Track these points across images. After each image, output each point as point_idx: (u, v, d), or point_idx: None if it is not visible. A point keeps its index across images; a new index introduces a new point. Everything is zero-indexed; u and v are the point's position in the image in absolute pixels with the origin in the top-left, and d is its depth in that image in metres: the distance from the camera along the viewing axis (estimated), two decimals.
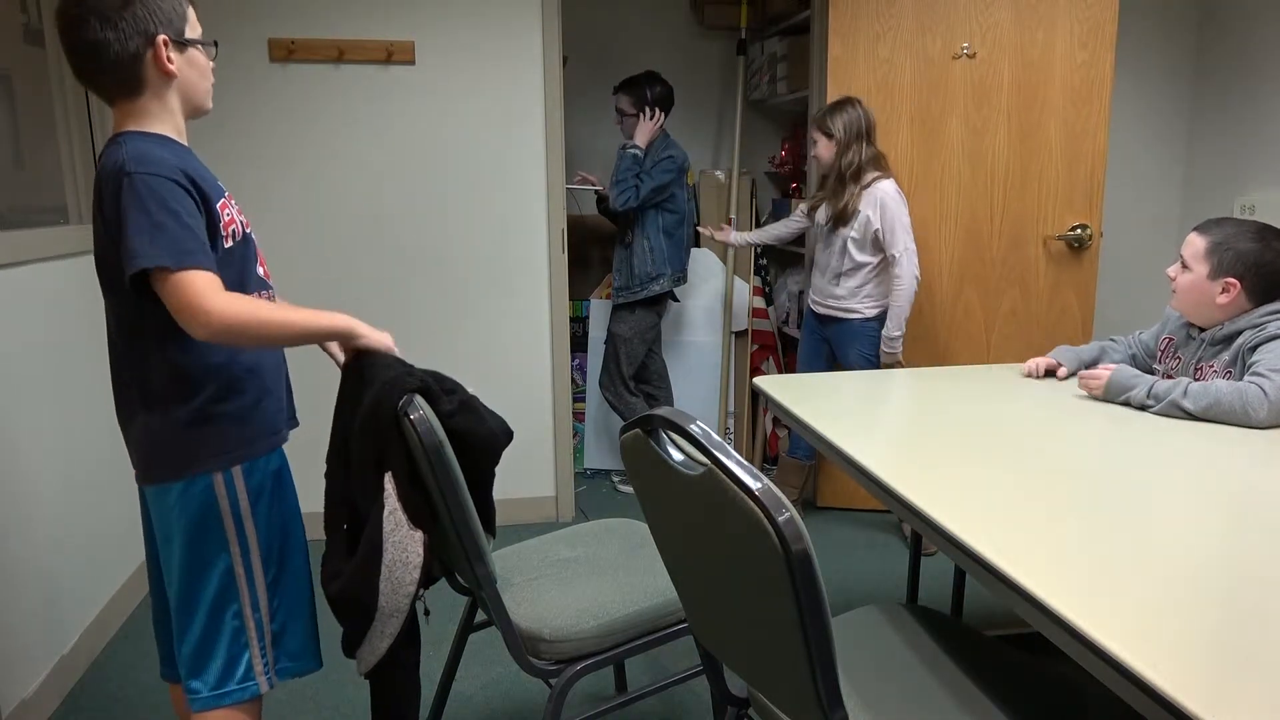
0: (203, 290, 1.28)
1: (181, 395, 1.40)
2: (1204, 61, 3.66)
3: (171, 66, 1.35)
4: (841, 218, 2.94)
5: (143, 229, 1.27)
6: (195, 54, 1.41)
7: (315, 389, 3.20)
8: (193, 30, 1.41)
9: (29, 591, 2.16)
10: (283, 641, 1.52)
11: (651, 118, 3.36)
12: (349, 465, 1.51)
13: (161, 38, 1.33)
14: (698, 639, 1.38)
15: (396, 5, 3.03)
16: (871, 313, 2.99)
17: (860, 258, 2.96)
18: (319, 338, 1.48)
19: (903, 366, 2.96)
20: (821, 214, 3.08)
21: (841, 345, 3.08)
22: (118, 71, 1.33)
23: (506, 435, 1.57)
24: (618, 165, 3.37)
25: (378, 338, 1.51)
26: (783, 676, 1.08)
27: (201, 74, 1.43)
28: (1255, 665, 0.88)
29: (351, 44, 3.00)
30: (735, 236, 3.45)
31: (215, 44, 1.45)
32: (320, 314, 1.44)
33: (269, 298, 1.50)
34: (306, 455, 3.22)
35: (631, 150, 3.34)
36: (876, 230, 2.89)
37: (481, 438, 1.52)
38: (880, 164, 2.94)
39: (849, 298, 3.02)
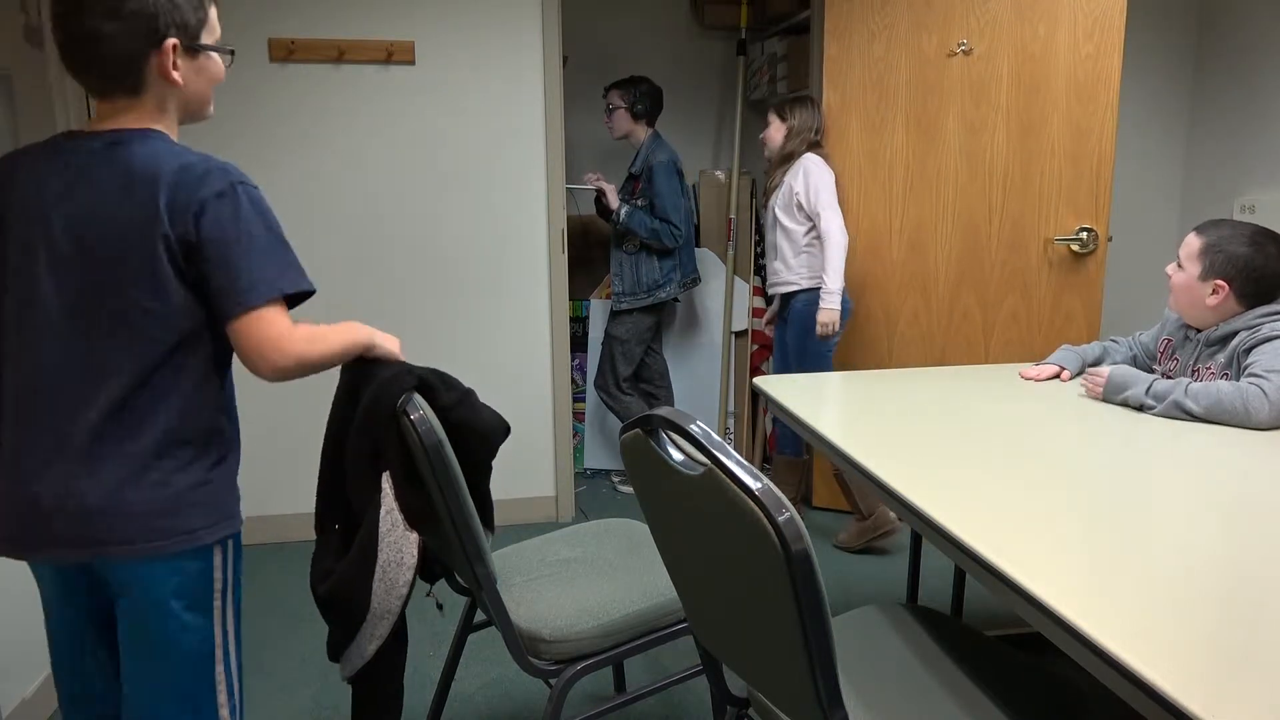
0: (289, 324, 1.21)
1: (205, 447, 1.25)
2: (1204, 62, 3.66)
3: (177, 74, 1.21)
4: (771, 193, 3.14)
5: (271, 251, 1.19)
6: (208, 61, 1.26)
7: (314, 389, 3.20)
8: (210, 34, 1.26)
9: (29, 592, 2.16)
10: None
11: (639, 117, 3.42)
12: (343, 463, 1.50)
13: (172, 41, 1.19)
14: (698, 639, 1.38)
15: (396, 5, 3.03)
16: (807, 283, 3.06)
17: (788, 223, 3.07)
18: (353, 355, 1.42)
19: (837, 332, 2.98)
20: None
21: (790, 324, 3.14)
22: (116, 69, 1.18)
23: (503, 428, 1.57)
24: (633, 231, 3.39)
25: (389, 345, 1.49)
26: (783, 676, 1.08)
27: (210, 83, 1.28)
28: (1255, 665, 0.88)
29: (351, 44, 3.00)
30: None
31: (232, 52, 1.31)
32: (349, 330, 1.39)
33: None
34: (304, 455, 3.23)
35: (623, 213, 3.37)
36: (798, 195, 3.00)
37: (478, 429, 1.52)
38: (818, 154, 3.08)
39: (786, 271, 3.12)
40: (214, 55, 1.27)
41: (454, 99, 3.11)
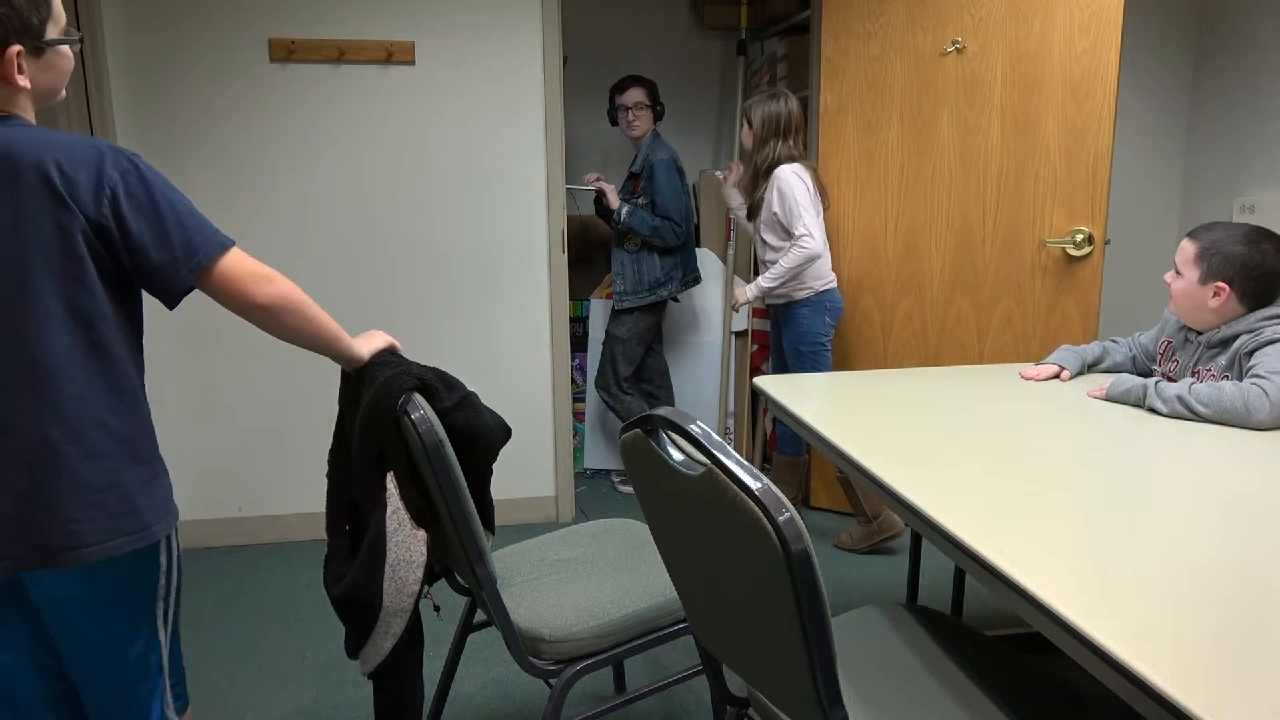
0: (250, 257, 1.23)
1: (149, 436, 1.24)
2: (1204, 62, 3.66)
3: (23, 79, 1.14)
4: (755, 210, 3.10)
5: (193, 214, 1.19)
6: (56, 57, 1.20)
7: (314, 388, 3.20)
8: (55, 25, 1.18)
9: None
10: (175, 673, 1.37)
11: (659, 116, 3.44)
12: (351, 466, 1.51)
13: (15, 49, 1.13)
14: (698, 639, 1.38)
15: (396, 5, 3.03)
16: (799, 295, 3.05)
17: (774, 240, 3.05)
18: (334, 349, 1.39)
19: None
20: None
21: (785, 334, 3.14)
22: None
23: (505, 431, 1.57)
24: (635, 229, 3.40)
25: (373, 348, 1.49)
26: (783, 676, 1.08)
27: (60, 75, 1.21)
28: (1255, 665, 0.88)
29: (351, 44, 3.00)
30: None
31: (81, 39, 1.23)
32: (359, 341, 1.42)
33: None
34: (304, 455, 3.23)
35: (624, 213, 3.38)
36: (776, 213, 2.98)
37: (479, 432, 1.52)
38: (796, 160, 3.01)
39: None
40: (62, 48, 1.21)
41: (454, 99, 3.11)
